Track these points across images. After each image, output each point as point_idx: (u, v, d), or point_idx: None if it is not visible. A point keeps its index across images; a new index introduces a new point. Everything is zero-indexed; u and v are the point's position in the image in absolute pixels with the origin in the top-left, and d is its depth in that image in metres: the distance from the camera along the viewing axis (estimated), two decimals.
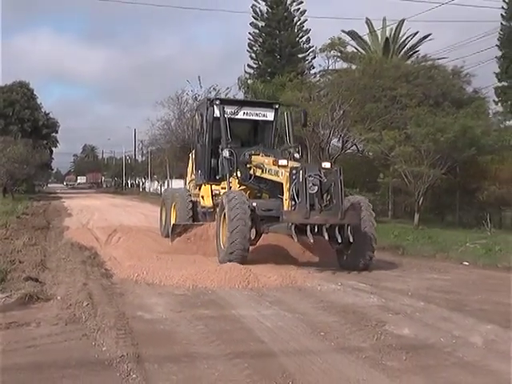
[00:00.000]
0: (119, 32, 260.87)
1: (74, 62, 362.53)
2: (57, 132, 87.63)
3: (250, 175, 18.05)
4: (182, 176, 75.20)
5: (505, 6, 57.67)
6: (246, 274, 13.37)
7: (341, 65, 39.87)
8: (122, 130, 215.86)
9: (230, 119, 19.08)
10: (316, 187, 14.81)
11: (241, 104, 20.51)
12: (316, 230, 14.50)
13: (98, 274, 13.87)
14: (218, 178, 19.68)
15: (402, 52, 57.63)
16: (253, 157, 18.18)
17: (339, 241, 14.77)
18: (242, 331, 9.06)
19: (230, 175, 18.36)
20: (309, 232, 14.40)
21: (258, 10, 64.20)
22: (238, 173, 18.35)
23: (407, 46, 58.67)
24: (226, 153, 18.36)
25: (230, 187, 18.12)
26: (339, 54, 38.17)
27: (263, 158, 17.93)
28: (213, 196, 19.65)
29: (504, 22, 58.33)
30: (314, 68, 56.80)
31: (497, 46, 60.66)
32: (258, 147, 19.17)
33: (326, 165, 15.80)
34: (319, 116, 31.69)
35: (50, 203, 50.07)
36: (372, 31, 58.21)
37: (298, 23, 64.14)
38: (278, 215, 15.39)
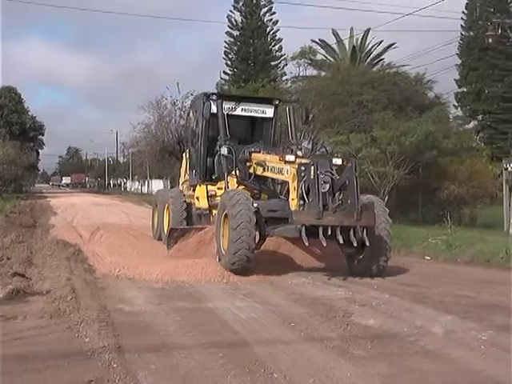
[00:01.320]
0: (105, 40, 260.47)
1: (61, 69, 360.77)
2: (43, 134, 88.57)
3: (250, 174, 16.12)
4: (161, 176, 75.77)
5: (464, 17, 58.20)
6: (222, 268, 13.31)
7: (311, 72, 40.02)
8: (106, 133, 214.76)
9: (227, 115, 16.98)
10: (327, 185, 12.99)
11: (239, 99, 18.22)
12: (329, 232, 12.58)
13: (82, 269, 13.81)
14: (214, 177, 17.70)
15: (368, 60, 57.97)
16: (253, 154, 16.12)
17: (354, 244, 12.88)
18: (217, 322, 9.09)
19: (228, 174, 16.39)
20: (321, 235, 12.51)
21: (233, 20, 65.12)
22: (237, 172, 16.36)
23: (373, 54, 59.12)
24: (224, 150, 16.43)
25: (228, 187, 16.07)
26: (310, 62, 38.33)
27: (265, 155, 15.82)
28: (208, 197, 17.40)
29: (463, 32, 58.94)
30: (285, 75, 57.10)
31: (457, 54, 61.40)
32: (257, 145, 17.00)
33: (337, 161, 13.73)
34: None
35: (37, 202, 49.71)
36: (339, 40, 58.48)
37: (271, 33, 64.75)
38: (284, 216, 13.80)
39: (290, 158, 14.11)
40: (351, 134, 29.94)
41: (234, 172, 16.41)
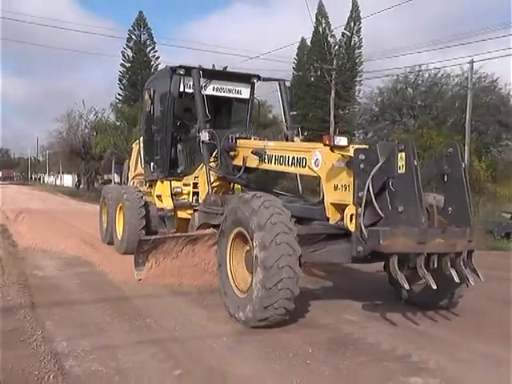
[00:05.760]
0: (33, 66, 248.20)
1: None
2: None
3: (235, 167, 9.79)
4: (70, 172, 75.05)
5: (295, 61, 59.35)
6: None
7: None
8: (30, 137, 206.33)
9: (193, 95, 10.39)
10: None
11: (211, 76, 10.81)
12: (435, 263, 6.10)
13: (7, 243, 13.37)
14: (179, 171, 11.32)
15: None
16: (241, 141, 9.77)
17: (471, 282, 6.30)
18: (107, 283, 9.00)
19: (210, 167, 9.91)
20: (422, 269, 5.99)
21: (126, 55, 64.62)
22: (214, 164, 10.02)
23: None
24: (204, 135, 9.86)
25: (210, 183, 9.79)
26: None
27: (263, 141, 9.57)
28: (173, 195, 11.24)
29: (295, 72, 60.13)
30: None
31: (288, 87, 62.51)
32: (243, 129, 11.12)
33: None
34: None
35: None
36: None
37: (154, 65, 64.22)
38: (321, 231, 7.06)
39: (342, 140, 6.56)
40: None
41: (212, 164, 10.09)
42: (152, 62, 65.21)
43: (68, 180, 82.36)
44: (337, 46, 56.16)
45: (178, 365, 5.19)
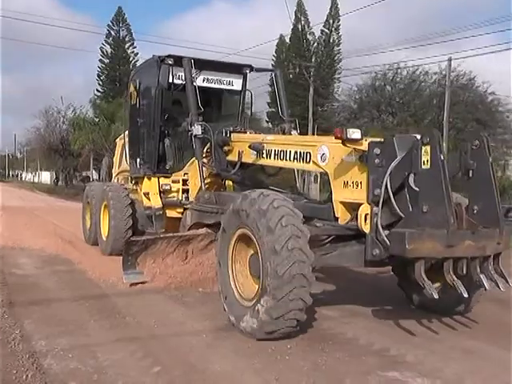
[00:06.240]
0: (11, 61, 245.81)
1: None
2: None
3: (228, 162, 9.10)
4: (48, 169, 75.01)
5: (274, 58, 59.17)
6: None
7: None
8: (8, 134, 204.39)
9: (183, 87, 9.61)
10: None
11: (201, 66, 9.98)
12: (464, 268, 5.54)
13: None
14: (167, 167, 10.47)
15: None
16: (235, 135, 9.10)
17: (501, 289, 5.68)
18: (85, 281, 8.91)
19: (202, 163, 9.14)
20: (451, 275, 5.48)
21: (104, 51, 64.32)
22: (206, 159, 9.22)
23: None
24: (197, 129, 9.06)
25: (203, 179, 9.03)
26: None
27: (261, 134, 9.25)
28: (161, 193, 10.40)
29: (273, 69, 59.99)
30: None
31: (268, 84, 62.49)
32: (236, 122, 10.38)
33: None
34: None
35: None
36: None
37: (133, 61, 63.89)
38: (333, 232, 6.27)
39: (355, 133, 5.86)
40: None
41: (204, 160, 9.25)
42: (131, 58, 64.98)
43: (46, 177, 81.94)
44: (316, 44, 56.19)
45: (157, 362, 5.18)
